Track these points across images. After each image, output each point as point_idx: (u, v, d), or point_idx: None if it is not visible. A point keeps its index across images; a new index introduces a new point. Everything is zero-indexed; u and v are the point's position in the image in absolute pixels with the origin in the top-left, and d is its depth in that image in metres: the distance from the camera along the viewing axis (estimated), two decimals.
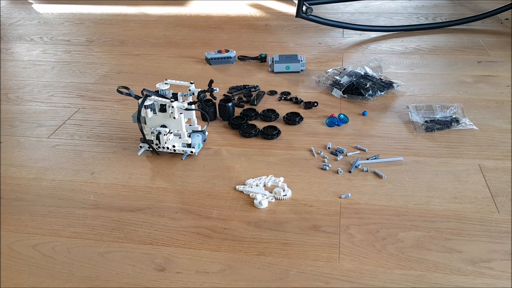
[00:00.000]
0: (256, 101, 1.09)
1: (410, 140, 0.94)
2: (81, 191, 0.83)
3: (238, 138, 0.97)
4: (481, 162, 0.86)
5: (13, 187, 0.85)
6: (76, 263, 0.67)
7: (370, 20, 1.66)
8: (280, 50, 1.43)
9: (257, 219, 0.74)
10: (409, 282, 0.62)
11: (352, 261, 0.66)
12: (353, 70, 1.17)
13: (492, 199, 0.76)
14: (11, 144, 0.98)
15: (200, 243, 0.70)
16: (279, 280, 0.64)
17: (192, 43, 1.52)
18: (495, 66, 1.26)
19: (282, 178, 0.83)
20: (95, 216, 0.77)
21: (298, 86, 1.19)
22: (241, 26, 1.66)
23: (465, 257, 0.66)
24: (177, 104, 0.85)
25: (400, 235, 0.70)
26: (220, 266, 0.66)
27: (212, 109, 1.03)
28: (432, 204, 0.76)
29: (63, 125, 1.05)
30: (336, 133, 0.97)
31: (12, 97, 1.20)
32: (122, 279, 0.65)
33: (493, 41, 1.43)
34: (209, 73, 1.29)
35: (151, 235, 0.72)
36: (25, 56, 1.47)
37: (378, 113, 1.04)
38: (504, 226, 0.71)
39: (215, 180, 0.84)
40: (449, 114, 1.00)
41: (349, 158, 0.88)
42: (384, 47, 1.42)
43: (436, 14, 1.71)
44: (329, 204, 0.77)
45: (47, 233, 0.73)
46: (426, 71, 1.25)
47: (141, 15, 1.83)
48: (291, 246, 0.69)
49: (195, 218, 0.75)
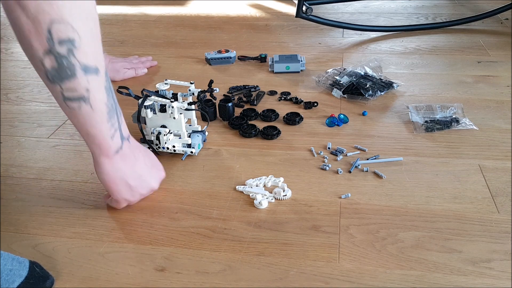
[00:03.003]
0: (256, 101, 1.09)
1: (410, 140, 0.94)
2: (81, 191, 0.83)
3: (238, 138, 0.97)
4: (481, 162, 0.86)
5: (13, 187, 0.85)
6: (76, 263, 0.68)
7: (370, 20, 1.66)
8: (280, 50, 1.43)
9: (257, 219, 0.74)
10: (409, 282, 0.62)
11: (352, 261, 0.66)
12: (353, 70, 1.17)
13: (492, 199, 0.76)
14: (11, 144, 0.98)
15: (200, 243, 0.70)
16: (279, 280, 0.64)
17: (192, 43, 1.52)
18: (495, 66, 1.26)
19: (282, 178, 0.83)
20: (95, 216, 0.77)
21: (298, 86, 1.19)
22: (241, 26, 1.66)
23: (465, 257, 0.66)
24: (177, 104, 0.85)
25: (400, 235, 0.70)
26: (220, 266, 0.66)
27: (212, 109, 1.03)
28: (432, 204, 0.76)
29: (63, 125, 1.05)
30: (336, 133, 0.97)
31: (12, 97, 1.20)
32: (122, 279, 0.65)
33: (493, 41, 1.43)
34: (209, 73, 1.29)
35: (151, 235, 0.72)
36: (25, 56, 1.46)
37: (378, 113, 1.04)
38: (504, 226, 0.71)
39: (215, 180, 0.84)
40: (449, 114, 1.00)
41: (349, 158, 0.88)
42: (384, 47, 1.42)
43: (436, 14, 1.71)
44: (329, 204, 0.77)
45: (47, 233, 0.73)
46: (426, 71, 1.25)
47: (141, 15, 1.83)
48: (291, 246, 0.69)
49: (195, 218, 0.75)
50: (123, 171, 0.71)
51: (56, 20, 0.53)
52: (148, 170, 0.75)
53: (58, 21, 0.53)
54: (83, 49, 0.57)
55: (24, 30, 0.54)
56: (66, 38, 0.54)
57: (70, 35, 0.55)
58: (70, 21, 0.54)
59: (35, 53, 0.56)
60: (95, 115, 0.62)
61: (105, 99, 0.63)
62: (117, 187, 0.71)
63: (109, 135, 0.66)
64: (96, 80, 0.60)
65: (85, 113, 0.62)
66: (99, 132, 0.65)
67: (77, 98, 0.60)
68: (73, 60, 0.56)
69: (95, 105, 0.62)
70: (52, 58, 0.55)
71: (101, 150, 0.67)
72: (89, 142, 0.67)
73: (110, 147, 0.67)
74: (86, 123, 0.63)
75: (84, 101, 0.60)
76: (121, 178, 0.71)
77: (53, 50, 0.55)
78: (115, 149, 0.68)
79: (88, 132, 0.64)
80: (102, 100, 0.62)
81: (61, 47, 0.55)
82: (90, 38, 0.57)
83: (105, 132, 0.65)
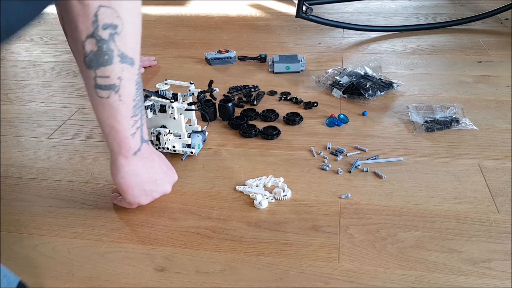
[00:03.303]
0: (256, 101, 1.09)
1: (410, 140, 0.94)
2: (81, 191, 0.83)
3: (238, 138, 0.97)
4: (481, 162, 0.86)
5: (13, 187, 0.85)
6: (76, 263, 0.68)
7: (370, 20, 1.66)
8: (280, 50, 1.43)
9: (257, 220, 0.74)
10: (409, 282, 0.62)
11: (352, 261, 0.66)
12: (353, 70, 1.17)
13: (492, 199, 0.76)
14: (11, 144, 0.98)
15: (200, 243, 0.70)
16: (279, 280, 0.64)
17: (192, 43, 1.52)
18: (495, 66, 1.26)
19: (282, 178, 0.83)
20: (95, 216, 0.77)
21: (298, 86, 1.19)
22: (241, 26, 1.66)
23: (465, 257, 0.66)
24: (177, 104, 0.85)
25: (400, 235, 0.70)
26: (220, 267, 0.66)
27: (212, 109, 1.03)
28: (432, 204, 0.76)
29: (63, 125, 1.05)
30: (336, 133, 0.97)
31: (12, 97, 1.20)
32: (122, 279, 0.65)
33: (493, 41, 1.43)
34: (209, 73, 1.29)
35: (151, 235, 0.72)
36: (25, 56, 1.47)
37: (378, 113, 1.04)
38: (504, 226, 0.71)
39: (215, 180, 0.84)
40: (449, 114, 1.00)
41: (349, 158, 0.88)
42: (384, 47, 1.42)
43: (436, 14, 1.71)
44: (329, 204, 0.77)
45: (47, 234, 0.73)
46: (426, 71, 1.25)
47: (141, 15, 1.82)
48: (291, 246, 0.69)
49: (195, 219, 0.75)
50: (141, 175, 0.71)
51: (104, 5, 0.55)
52: (163, 174, 0.75)
53: (106, 6, 0.55)
54: (124, 37, 0.58)
55: (73, 12, 0.55)
56: (110, 23, 0.56)
57: (114, 21, 0.57)
58: (117, 8, 0.56)
59: (79, 35, 0.57)
60: (122, 107, 0.63)
61: (134, 93, 0.63)
62: (132, 191, 0.72)
63: (130, 132, 0.66)
64: (130, 71, 0.61)
65: (113, 102, 0.62)
66: (122, 127, 0.65)
67: (109, 86, 0.60)
68: (112, 46, 0.58)
69: (124, 96, 0.62)
70: (93, 42, 0.57)
71: (121, 148, 0.67)
72: (110, 139, 0.67)
73: (130, 147, 0.67)
74: (111, 115, 0.63)
75: (115, 90, 0.61)
76: (138, 182, 0.71)
77: (96, 34, 0.56)
78: (134, 149, 0.68)
79: (112, 126, 0.65)
80: (131, 93, 0.63)
81: (104, 31, 0.56)
82: (132, 28, 0.59)
83: (127, 128, 0.65)
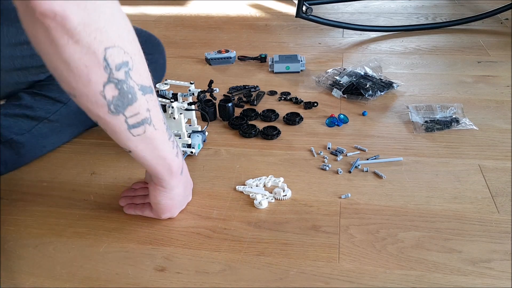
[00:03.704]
0: (256, 101, 1.09)
1: (410, 140, 0.94)
2: (81, 191, 0.83)
3: (238, 138, 0.97)
4: (481, 162, 0.86)
5: (13, 187, 0.85)
6: (76, 263, 0.68)
7: (370, 20, 1.67)
8: (280, 50, 1.43)
9: (257, 220, 0.74)
10: (409, 282, 0.62)
11: (352, 261, 0.66)
12: (353, 70, 1.17)
13: (492, 199, 0.76)
14: None
15: (200, 243, 0.70)
16: (279, 280, 0.64)
17: (192, 43, 1.52)
18: (495, 66, 1.26)
19: (282, 178, 0.83)
20: (95, 216, 0.77)
21: (298, 86, 1.19)
22: (241, 26, 1.66)
23: (465, 257, 0.66)
24: (177, 104, 0.85)
25: (400, 235, 0.70)
26: (220, 266, 0.66)
27: (212, 109, 1.03)
28: (432, 204, 0.76)
29: None
30: (336, 133, 0.97)
31: None
32: (122, 279, 0.65)
33: (493, 41, 1.43)
34: (209, 73, 1.29)
35: (151, 235, 0.72)
36: None
37: (378, 113, 1.04)
38: (504, 226, 0.71)
39: (215, 180, 0.84)
40: (449, 114, 1.00)
41: (349, 158, 0.88)
42: (384, 47, 1.42)
43: (436, 14, 1.71)
44: (329, 204, 0.77)
45: (47, 233, 0.73)
46: (426, 71, 1.25)
47: (141, 15, 1.83)
48: (291, 246, 0.69)
49: (195, 218, 0.75)
50: (183, 193, 0.73)
51: (109, 46, 0.51)
52: (188, 193, 0.77)
53: (112, 47, 0.51)
54: (137, 69, 0.55)
55: (79, 67, 0.50)
56: (121, 62, 0.53)
57: (124, 58, 0.53)
58: (121, 44, 0.52)
59: (94, 88, 0.52)
60: (159, 134, 0.61)
61: (162, 117, 0.62)
62: (174, 210, 0.74)
63: (174, 153, 0.66)
64: (153, 99, 0.59)
65: (151, 135, 0.60)
66: (166, 153, 0.64)
67: (141, 121, 0.58)
68: (131, 83, 0.54)
69: (157, 124, 0.61)
70: (112, 87, 0.53)
71: (171, 172, 0.67)
72: (159, 169, 0.65)
73: (178, 165, 0.68)
74: (154, 147, 0.62)
75: (148, 123, 0.59)
76: (180, 200, 0.74)
77: (112, 78, 0.52)
78: (180, 167, 0.69)
79: (158, 156, 0.63)
80: (161, 118, 0.62)
81: (119, 72, 0.53)
82: (139, 58, 0.56)
83: (170, 151, 0.65)
